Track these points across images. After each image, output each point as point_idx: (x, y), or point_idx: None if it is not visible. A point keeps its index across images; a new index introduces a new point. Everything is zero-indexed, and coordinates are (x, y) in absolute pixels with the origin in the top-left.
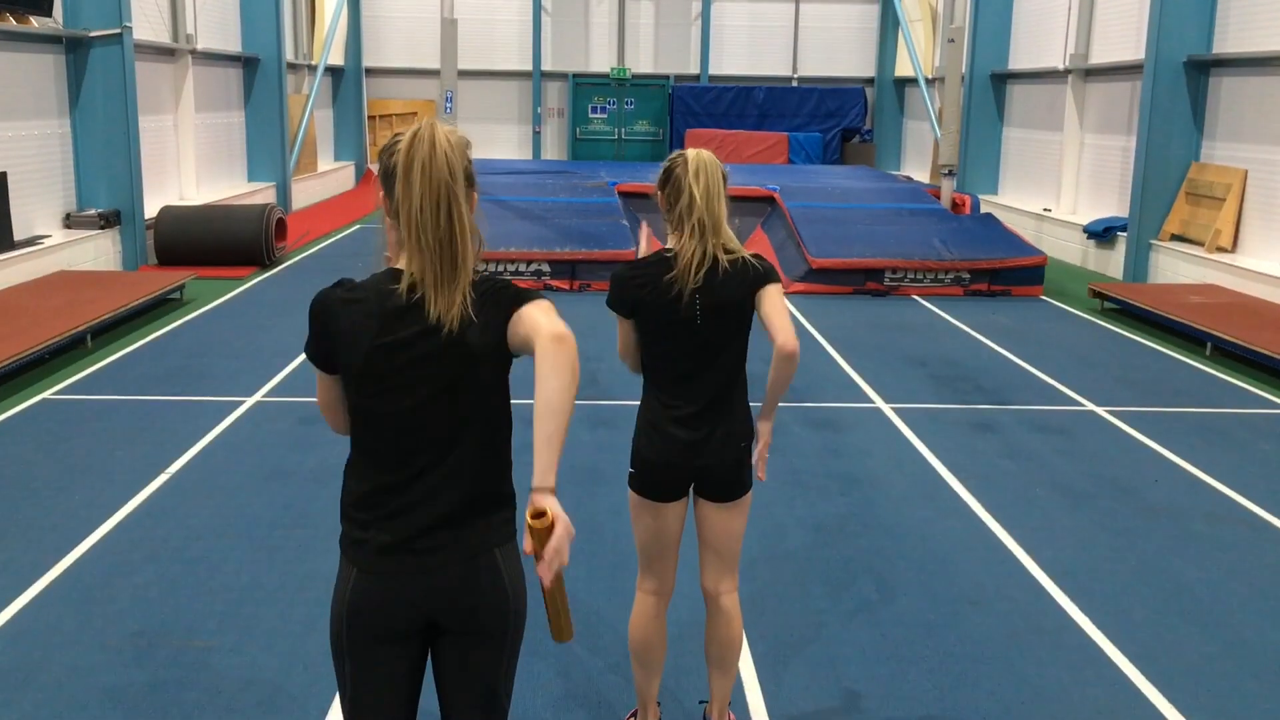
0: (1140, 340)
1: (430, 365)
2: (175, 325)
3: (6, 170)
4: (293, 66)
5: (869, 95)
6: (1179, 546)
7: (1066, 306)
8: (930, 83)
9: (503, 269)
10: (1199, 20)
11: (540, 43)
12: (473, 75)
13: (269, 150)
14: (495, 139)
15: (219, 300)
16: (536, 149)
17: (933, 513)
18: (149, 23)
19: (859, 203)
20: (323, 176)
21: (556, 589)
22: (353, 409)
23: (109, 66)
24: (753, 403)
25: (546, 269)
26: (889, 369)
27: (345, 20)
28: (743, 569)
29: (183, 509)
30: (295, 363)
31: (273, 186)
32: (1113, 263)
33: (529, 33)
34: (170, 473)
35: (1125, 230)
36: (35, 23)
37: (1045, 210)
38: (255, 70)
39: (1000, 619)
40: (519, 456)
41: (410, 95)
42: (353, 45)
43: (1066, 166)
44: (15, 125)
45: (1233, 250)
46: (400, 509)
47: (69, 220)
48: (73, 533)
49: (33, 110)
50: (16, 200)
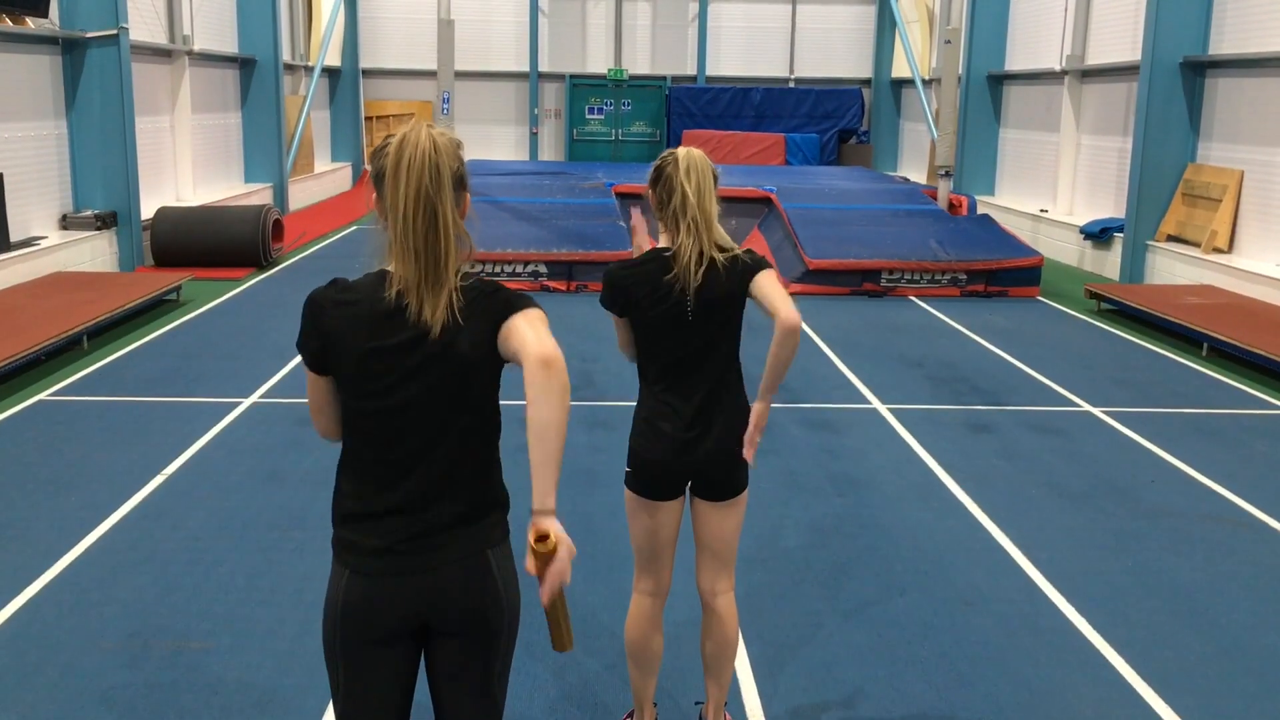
0: (1136, 341)
1: (420, 369)
2: (172, 326)
3: (3, 171)
4: (289, 67)
5: (866, 96)
6: (1175, 547)
7: (1063, 307)
8: (927, 84)
9: (499, 270)
10: (1195, 21)
11: (537, 44)
12: (470, 76)
13: (266, 151)
14: (492, 140)
15: (216, 301)
16: (533, 150)
17: (929, 514)
18: (145, 24)
19: (856, 204)
20: (319, 177)
21: (558, 602)
22: (344, 410)
23: (105, 67)
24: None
25: (543, 270)
26: (886, 370)
27: (342, 21)
28: (739, 570)
29: (179, 510)
30: (292, 364)
31: (270, 187)
32: (1109, 264)
33: (526, 34)
34: (166, 474)
35: (1122, 231)
36: (31, 23)
37: (1042, 211)
38: (252, 71)
39: (996, 620)
40: (511, 457)
41: (407, 96)
42: (349, 46)
43: (1063, 167)
44: (12, 126)
45: (1229, 251)
46: (392, 511)
47: (65, 221)
48: (69, 534)
49: (29, 111)
50: (13, 201)
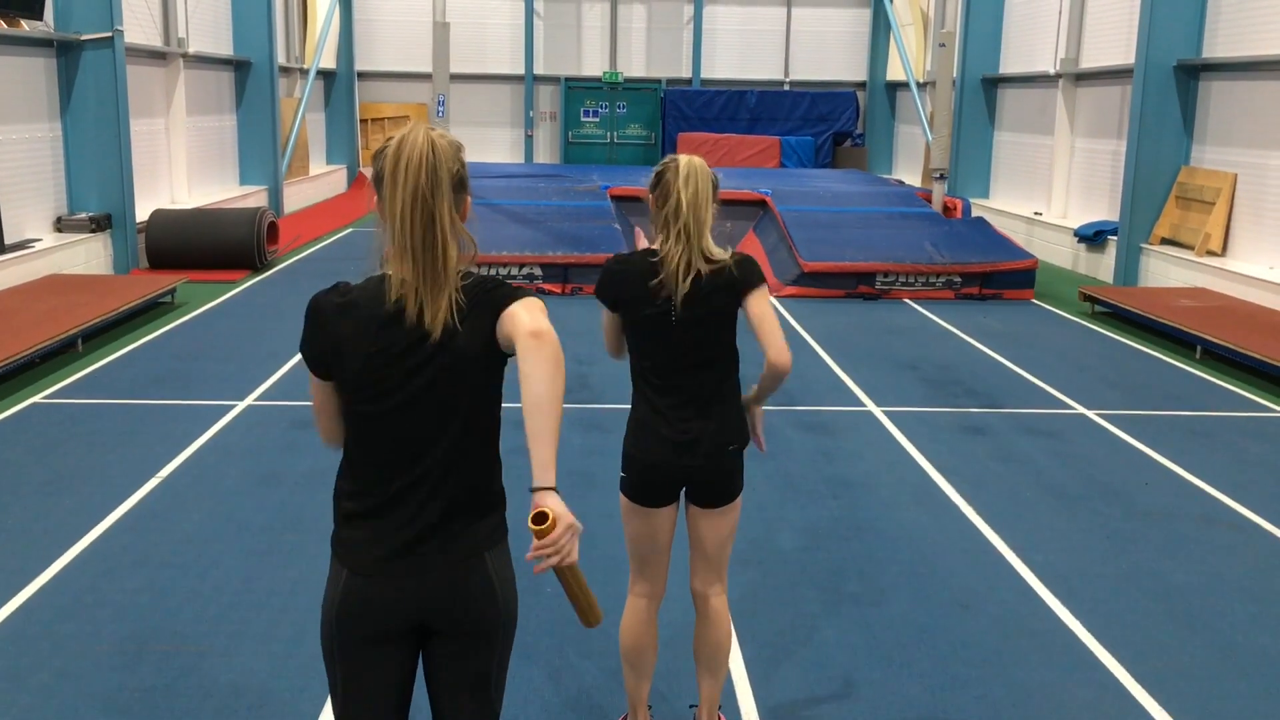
0: (1130, 344)
1: (421, 372)
2: (167, 329)
3: None
4: (285, 70)
5: (861, 99)
6: (1169, 549)
7: (1057, 310)
8: (921, 87)
9: (495, 272)
10: (1188, 25)
11: (532, 46)
12: (465, 79)
13: (261, 154)
14: (487, 142)
15: (211, 304)
16: (529, 152)
17: (924, 516)
18: (140, 26)
19: (851, 206)
20: (315, 180)
21: (570, 578)
22: (346, 413)
23: (100, 70)
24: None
25: (539, 273)
26: (880, 372)
27: (337, 23)
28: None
29: (174, 513)
30: (287, 366)
31: (264, 190)
32: (1103, 266)
33: (521, 36)
34: (162, 477)
35: (1116, 234)
36: (26, 26)
37: (1036, 214)
38: (247, 73)
39: (991, 621)
40: (509, 459)
41: (402, 99)
42: (345, 48)
43: (1057, 170)
44: (6, 128)
45: (1222, 254)
46: (391, 512)
47: (60, 224)
48: (64, 537)
49: (24, 114)
50: (7, 204)
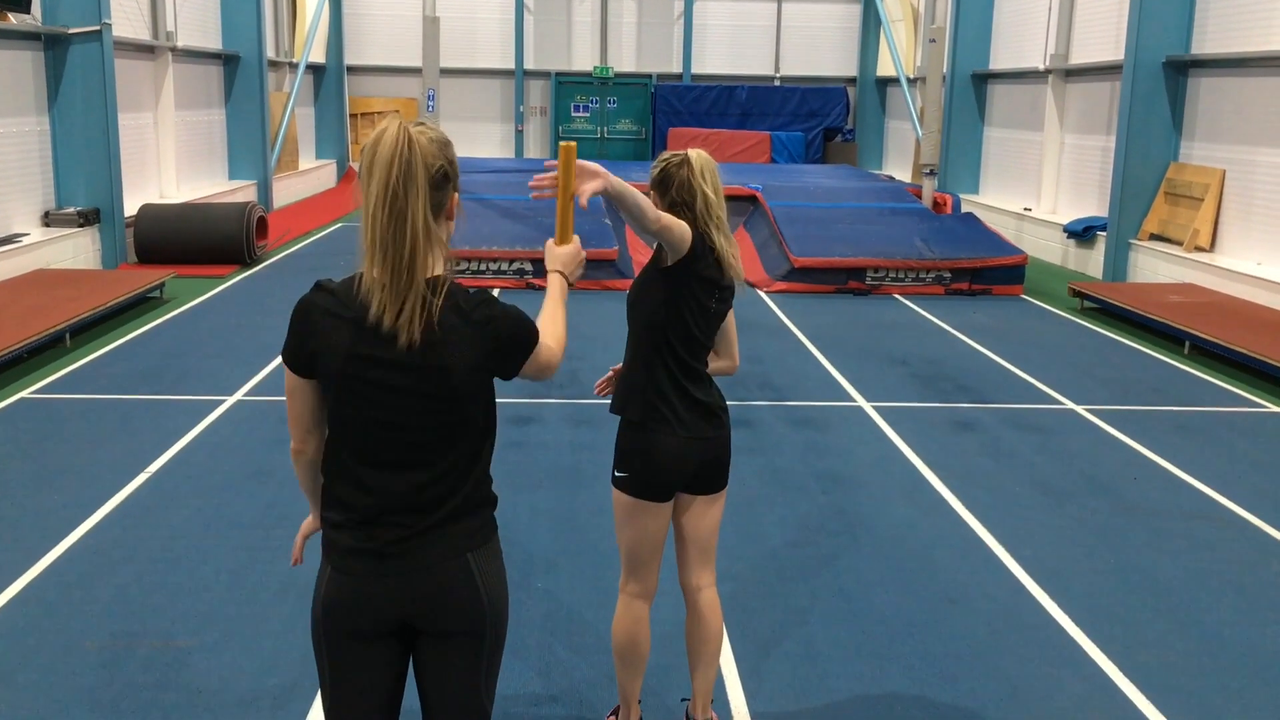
0: (1119, 339)
1: (400, 376)
2: (155, 324)
3: None
4: (274, 64)
5: (851, 95)
6: (1157, 544)
7: (1047, 305)
8: (912, 82)
9: (485, 267)
10: (1178, 21)
11: (523, 41)
12: (455, 74)
13: (250, 148)
14: (478, 137)
15: (199, 299)
16: (519, 147)
17: (913, 511)
18: (128, 20)
19: (841, 202)
20: (304, 175)
21: (568, 206)
22: (330, 414)
23: (88, 64)
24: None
25: (529, 268)
26: (870, 368)
27: (327, 17)
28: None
29: (163, 509)
30: (277, 361)
31: (254, 184)
32: (1092, 262)
33: (511, 31)
34: (150, 472)
35: (1105, 230)
36: (14, 19)
37: (1026, 210)
38: (236, 68)
39: (980, 616)
40: (500, 455)
41: (392, 93)
42: (334, 43)
43: (1047, 166)
44: None
45: (1211, 250)
46: (374, 512)
47: (48, 218)
48: (51, 532)
49: (11, 108)
50: None
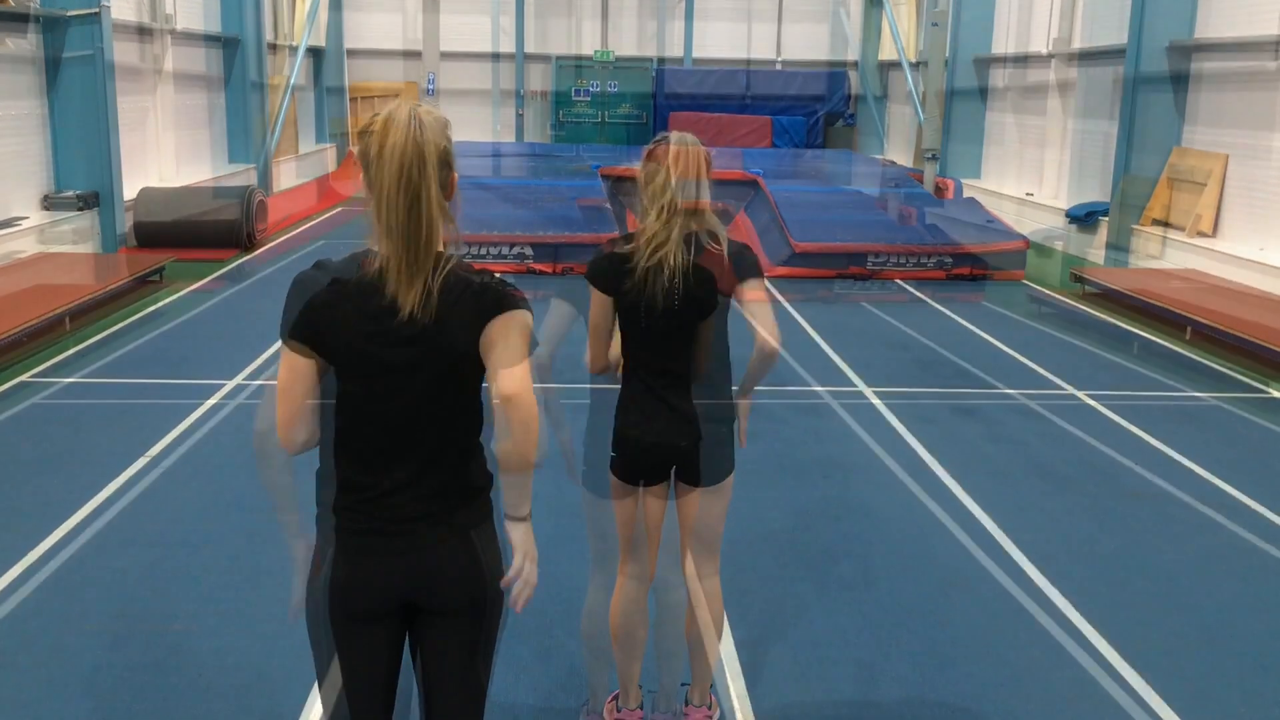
0: (1121, 324)
1: (407, 352)
2: (155, 307)
3: None
4: (273, 47)
5: (852, 79)
6: (1157, 529)
7: (1048, 290)
8: (914, 67)
9: (485, 252)
10: (1181, 6)
11: (524, 25)
12: (455, 57)
13: (249, 132)
14: (478, 121)
15: (199, 282)
16: (519, 131)
17: (914, 496)
18: (127, 2)
19: (842, 186)
20: (303, 158)
21: None
22: (338, 394)
23: (86, 46)
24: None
25: (529, 252)
26: (871, 353)
27: (326, 0)
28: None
29: (164, 492)
30: (278, 344)
31: (253, 168)
32: (1094, 247)
33: (512, 14)
34: (151, 455)
35: (1107, 215)
36: (11, 2)
37: (1028, 195)
38: (235, 51)
39: (980, 602)
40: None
41: (392, 77)
42: (334, 26)
43: (1049, 151)
44: None
45: (1213, 235)
46: (376, 493)
47: (47, 202)
48: (53, 516)
49: (9, 91)
50: None
